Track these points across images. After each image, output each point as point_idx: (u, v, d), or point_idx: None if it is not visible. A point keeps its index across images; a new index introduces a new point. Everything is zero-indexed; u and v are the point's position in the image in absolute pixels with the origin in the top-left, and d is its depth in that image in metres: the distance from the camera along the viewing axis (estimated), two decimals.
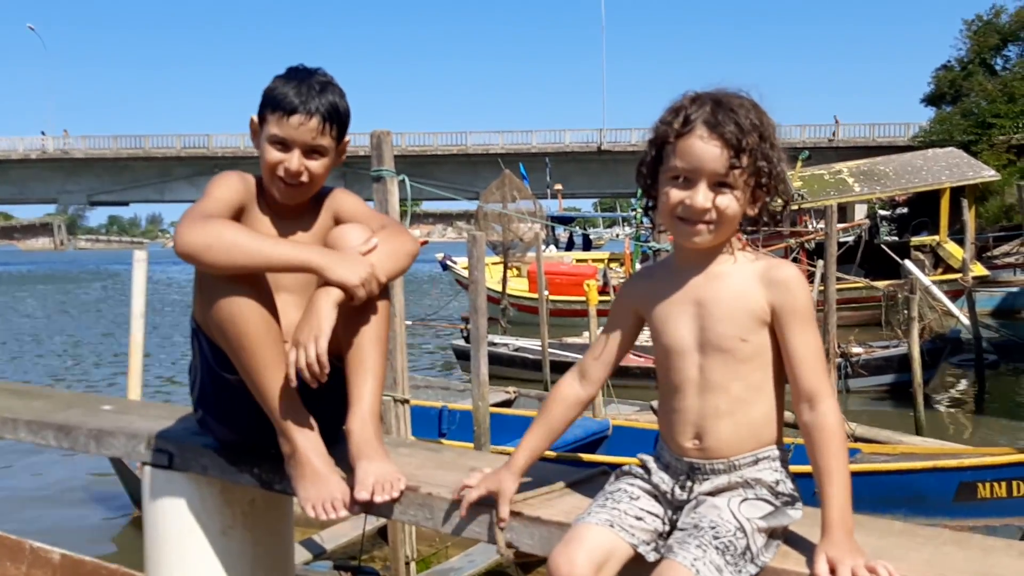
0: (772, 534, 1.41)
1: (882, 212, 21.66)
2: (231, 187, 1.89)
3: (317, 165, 1.89)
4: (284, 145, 1.87)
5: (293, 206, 1.96)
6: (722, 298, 1.47)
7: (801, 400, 1.44)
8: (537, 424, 1.68)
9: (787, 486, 1.47)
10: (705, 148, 1.41)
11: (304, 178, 1.89)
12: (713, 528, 1.37)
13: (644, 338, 1.67)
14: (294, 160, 1.86)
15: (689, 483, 1.49)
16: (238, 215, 1.88)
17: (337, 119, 1.89)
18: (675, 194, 1.45)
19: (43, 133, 58.09)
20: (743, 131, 1.40)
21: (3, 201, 67.10)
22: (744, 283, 1.47)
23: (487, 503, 1.64)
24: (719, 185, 1.43)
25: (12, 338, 19.65)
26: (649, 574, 1.45)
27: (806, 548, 1.43)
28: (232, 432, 2.00)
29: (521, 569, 5.36)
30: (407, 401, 4.10)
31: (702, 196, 1.43)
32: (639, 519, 1.46)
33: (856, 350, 11.27)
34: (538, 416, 1.69)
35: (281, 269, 1.76)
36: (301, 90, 1.85)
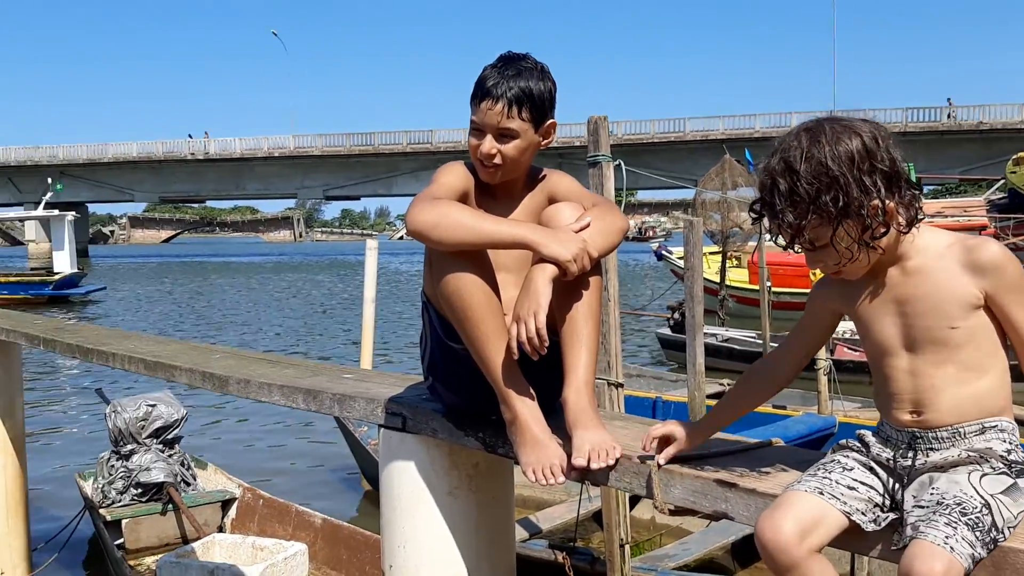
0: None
1: None
2: (455, 174, 2.03)
3: (509, 147, 1.96)
4: (479, 130, 1.97)
5: (508, 188, 2.06)
6: (923, 294, 1.45)
7: None
8: (727, 397, 1.78)
9: (1019, 454, 1.41)
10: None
11: (497, 160, 1.97)
12: (959, 505, 1.33)
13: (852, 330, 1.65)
14: (486, 143, 1.95)
15: (911, 452, 1.46)
16: (462, 199, 1.99)
17: (528, 101, 1.93)
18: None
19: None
20: (809, 198, 1.41)
21: (251, 196, 74.82)
22: (947, 274, 1.43)
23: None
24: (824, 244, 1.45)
25: (263, 317, 22.14)
26: (866, 544, 1.43)
27: None
28: (458, 398, 2.13)
29: (738, 563, 5.24)
30: (621, 385, 4.12)
31: (822, 265, 1.50)
32: (851, 488, 1.44)
33: None
34: (732, 390, 1.77)
35: (500, 246, 1.85)
36: (494, 76, 1.93)
